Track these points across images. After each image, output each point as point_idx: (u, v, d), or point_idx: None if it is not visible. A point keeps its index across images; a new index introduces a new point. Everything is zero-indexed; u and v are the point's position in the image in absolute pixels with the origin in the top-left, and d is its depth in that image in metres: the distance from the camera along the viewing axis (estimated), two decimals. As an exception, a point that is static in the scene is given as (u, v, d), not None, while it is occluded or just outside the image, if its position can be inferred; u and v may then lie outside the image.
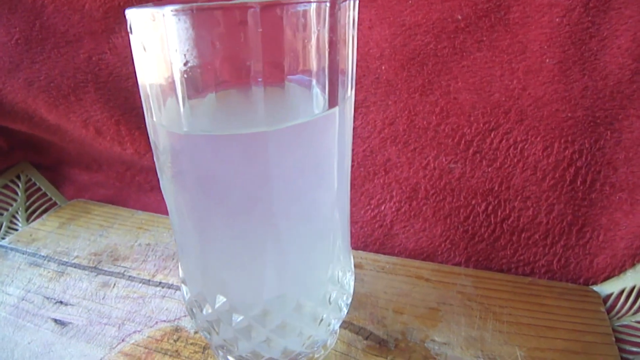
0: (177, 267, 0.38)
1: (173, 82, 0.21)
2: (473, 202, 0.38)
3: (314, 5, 0.20)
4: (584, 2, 0.33)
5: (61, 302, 0.35)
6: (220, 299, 0.25)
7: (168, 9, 0.19)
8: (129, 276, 0.37)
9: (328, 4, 0.21)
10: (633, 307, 0.34)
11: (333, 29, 0.22)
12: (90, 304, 0.35)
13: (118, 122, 0.44)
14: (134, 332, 0.32)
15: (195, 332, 0.32)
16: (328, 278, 0.27)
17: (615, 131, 0.34)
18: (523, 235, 0.38)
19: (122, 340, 0.31)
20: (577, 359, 0.30)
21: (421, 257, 0.41)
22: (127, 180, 0.49)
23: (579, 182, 0.35)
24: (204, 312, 0.26)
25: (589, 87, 0.34)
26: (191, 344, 0.31)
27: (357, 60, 0.41)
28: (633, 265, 0.34)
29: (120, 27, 0.44)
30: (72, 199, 0.50)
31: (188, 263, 0.27)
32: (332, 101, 0.23)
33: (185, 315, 0.34)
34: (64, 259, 0.39)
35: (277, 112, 0.22)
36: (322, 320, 0.27)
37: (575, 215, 0.36)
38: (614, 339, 0.31)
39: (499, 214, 0.38)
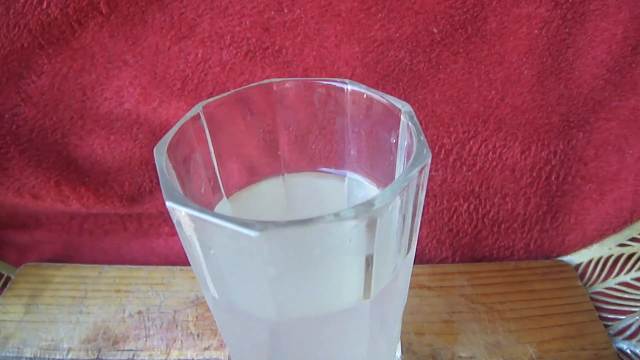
0: (186, 337, 0.37)
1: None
2: (455, 203, 0.40)
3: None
4: (562, 14, 0.33)
5: (83, 415, 0.33)
6: None
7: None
8: (142, 361, 0.35)
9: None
10: (601, 275, 0.40)
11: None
12: (117, 409, 0.33)
13: (58, 182, 0.38)
14: None
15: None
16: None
17: (587, 132, 0.37)
18: (503, 226, 0.41)
19: None
20: (574, 343, 0.35)
21: (411, 256, 0.43)
22: (75, 231, 0.43)
23: (553, 178, 0.39)
24: None
25: (564, 95, 0.36)
26: None
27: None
28: (600, 241, 0.40)
29: (29, 71, 0.36)
30: (17, 265, 0.43)
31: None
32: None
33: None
34: (58, 357, 0.36)
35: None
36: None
37: (550, 205, 0.40)
38: (597, 314, 0.37)
39: (480, 210, 0.41)
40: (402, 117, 0.22)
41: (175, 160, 0.22)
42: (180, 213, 0.17)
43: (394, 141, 0.23)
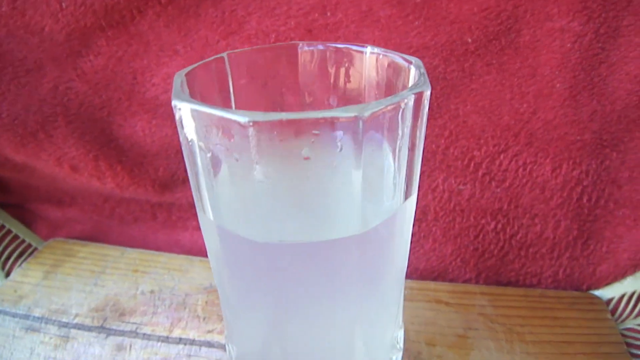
0: (192, 318, 0.36)
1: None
2: (482, 221, 0.39)
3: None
4: (595, 29, 0.33)
5: (78, 376, 0.32)
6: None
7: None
8: (144, 334, 0.35)
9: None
10: (634, 311, 0.37)
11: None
12: (112, 374, 0.32)
13: (96, 157, 0.40)
14: (172, 403, 0.31)
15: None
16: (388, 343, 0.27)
17: (620, 152, 0.36)
18: (530, 250, 0.39)
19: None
20: (600, 375, 0.33)
21: (432, 276, 0.42)
22: (106, 213, 0.45)
23: (584, 200, 0.37)
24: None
25: (597, 112, 0.35)
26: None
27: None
28: (634, 273, 0.37)
29: (88, 50, 0.39)
30: (47, 239, 0.45)
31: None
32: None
33: (220, 376, 0.32)
34: (64, 319, 0.36)
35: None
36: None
37: (581, 230, 0.38)
38: (625, 347, 0.34)
39: (508, 231, 0.39)
40: (411, 68, 0.22)
41: (192, 89, 0.23)
42: (184, 110, 0.18)
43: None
